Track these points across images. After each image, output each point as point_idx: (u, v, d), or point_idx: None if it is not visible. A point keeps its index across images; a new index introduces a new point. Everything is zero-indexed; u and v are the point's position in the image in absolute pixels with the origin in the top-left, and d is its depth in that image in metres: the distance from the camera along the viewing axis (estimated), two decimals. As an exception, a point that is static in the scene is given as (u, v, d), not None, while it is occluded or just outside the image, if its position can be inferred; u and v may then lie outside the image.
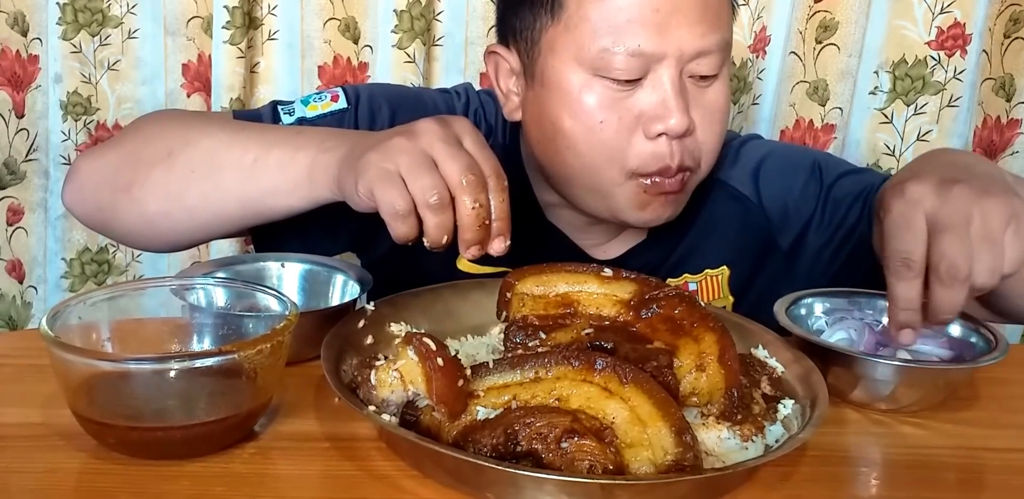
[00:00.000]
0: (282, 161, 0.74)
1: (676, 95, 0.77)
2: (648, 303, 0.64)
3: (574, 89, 0.79)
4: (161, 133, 0.81)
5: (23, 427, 0.60)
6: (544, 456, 0.53)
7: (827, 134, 1.47)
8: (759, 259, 0.93)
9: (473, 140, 0.67)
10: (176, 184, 0.78)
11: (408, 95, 0.94)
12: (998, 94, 1.47)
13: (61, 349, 0.55)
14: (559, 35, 0.80)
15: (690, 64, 0.78)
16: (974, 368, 0.68)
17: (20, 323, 1.50)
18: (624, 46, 0.76)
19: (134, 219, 0.81)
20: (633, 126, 0.79)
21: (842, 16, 1.42)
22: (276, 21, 1.40)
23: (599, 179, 0.81)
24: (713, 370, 0.60)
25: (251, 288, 0.66)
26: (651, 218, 0.83)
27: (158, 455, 0.56)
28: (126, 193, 0.80)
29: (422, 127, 0.66)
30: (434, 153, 0.64)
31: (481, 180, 0.64)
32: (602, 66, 0.77)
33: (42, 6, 1.38)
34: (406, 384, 0.57)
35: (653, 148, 0.79)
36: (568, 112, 0.80)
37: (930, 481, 0.60)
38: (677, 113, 0.77)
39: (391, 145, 0.65)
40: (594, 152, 0.80)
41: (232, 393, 0.57)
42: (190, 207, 0.78)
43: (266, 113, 0.89)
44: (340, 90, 0.91)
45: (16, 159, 1.44)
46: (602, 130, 0.79)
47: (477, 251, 0.65)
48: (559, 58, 0.80)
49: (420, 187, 0.63)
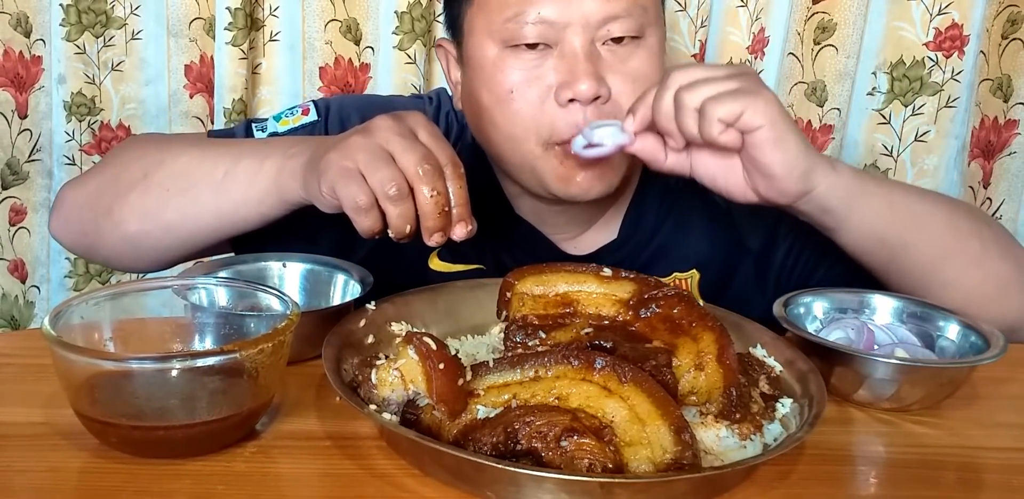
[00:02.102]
0: (251, 171, 0.76)
1: (584, 60, 0.78)
2: (647, 302, 0.64)
3: (488, 63, 0.81)
4: (138, 158, 0.84)
5: (25, 426, 0.60)
6: (544, 455, 0.53)
7: (825, 135, 1.47)
8: (729, 262, 0.93)
9: (427, 132, 0.68)
10: (153, 203, 0.81)
11: (378, 103, 0.96)
12: (996, 95, 1.47)
13: (63, 349, 0.55)
14: (475, 16, 0.83)
15: (600, 30, 0.79)
16: (975, 366, 0.69)
17: (23, 323, 1.51)
18: (529, 16, 0.78)
19: (116, 241, 0.84)
20: (545, 95, 0.80)
21: (840, 17, 1.42)
22: (277, 22, 1.40)
23: (521, 152, 0.83)
24: (712, 369, 0.61)
25: (253, 288, 0.66)
26: (578, 192, 0.83)
27: (160, 454, 0.56)
28: (107, 217, 0.83)
29: (377, 124, 0.68)
30: (390, 147, 0.66)
31: (437, 169, 0.66)
32: (509, 37, 0.80)
33: (45, 7, 1.38)
34: (407, 383, 0.57)
35: (565, 115, 0.79)
36: (485, 87, 0.82)
37: (929, 480, 0.60)
38: (585, 77, 0.78)
39: (348, 143, 0.67)
40: (509, 123, 0.82)
41: (234, 392, 0.57)
42: (168, 224, 0.81)
43: (239, 131, 0.92)
44: (311, 103, 0.94)
45: (19, 159, 1.44)
46: (514, 100, 0.80)
47: (440, 238, 0.67)
48: (476, 37, 0.82)
49: (379, 180, 0.65)
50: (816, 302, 0.77)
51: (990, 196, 1.52)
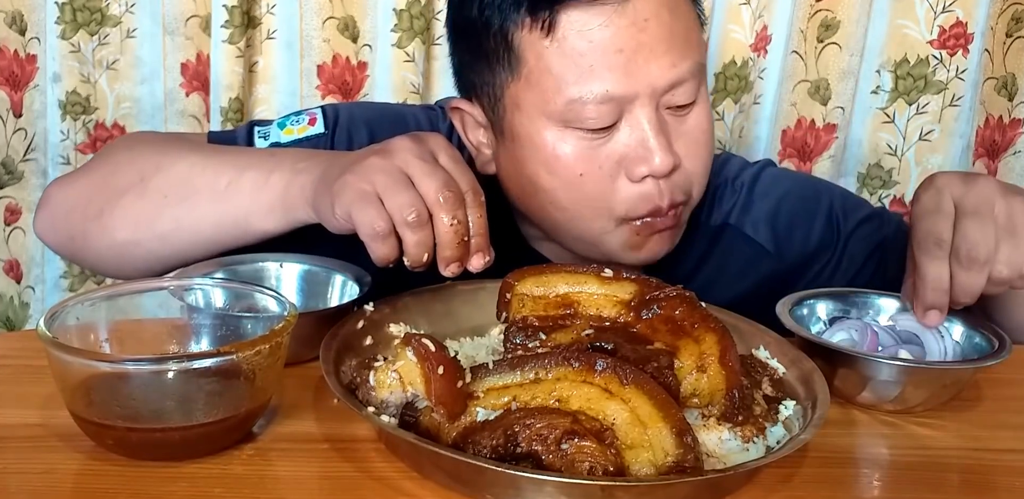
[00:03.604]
0: (256, 183, 0.73)
1: (656, 134, 0.74)
2: (649, 304, 0.63)
3: (547, 145, 0.75)
4: (133, 159, 0.80)
5: (21, 428, 0.59)
6: (544, 457, 0.53)
7: (829, 133, 1.47)
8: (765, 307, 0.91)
9: (448, 156, 0.66)
10: (147, 211, 0.77)
11: (388, 114, 0.92)
12: (1000, 93, 1.47)
13: (59, 350, 0.54)
14: (522, 91, 0.75)
15: (664, 97, 0.75)
16: (979, 367, 0.68)
17: (18, 324, 1.50)
18: (592, 94, 0.72)
19: (103, 248, 0.80)
20: (615, 172, 0.75)
21: (844, 15, 1.41)
22: (275, 20, 1.40)
23: (588, 229, 0.79)
24: (714, 371, 0.60)
25: (250, 289, 0.65)
26: (647, 257, 0.81)
27: (156, 456, 0.56)
28: (96, 221, 0.79)
29: (397, 145, 0.65)
30: (410, 170, 0.63)
31: (458, 196, 0.63)
32: (573, 118, 0.74)
33: (40, 5, 1.38)
34: (405, 385, 0.57)
35: (640, 191, 0.76)
36: (545, 168, 0.76)
37: (933, 482, 0.60)
38: (660, 152, 0.74)
39: (366, 165, 0.64)
40: (579, 205, 0.77)
41: (230, 394, 0.57)
42: (162, 233, 0.77)
43: (241, 135, 0.88)
44: (319, 111, 0.89)
45: (14, 159, 1.44)
46: (584, 183, 0.76)
47: (457, 268, 0.65)
48: (526, 114, 0.76)
49: (398, 205, 0.62)
50: (819, 303, 0.76)
51: (993, 195, 1.51)
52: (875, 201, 1.51)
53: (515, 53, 0.75)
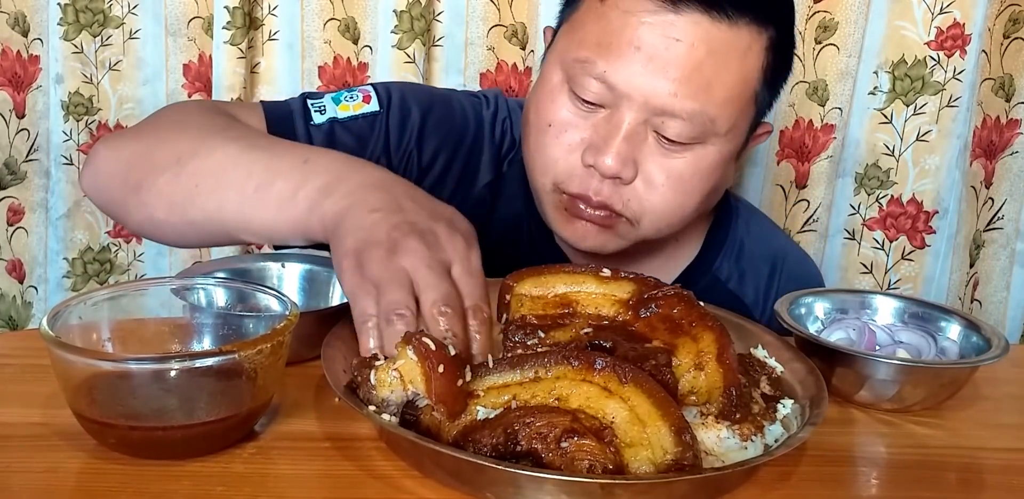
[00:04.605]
0: (281, 197, 0.70)
1: (623, 140, 0.76)
2: (647, 302, 0.64)
3: (546, 87, 0.80)
4: (177, 137, 0.78)
5: (23, 427, 0.60)
6: (544, 456, 0.53)
7: (826, 134, 1.47)
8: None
9: (464, 268, 0.62)
10: (180, 196, 0.75)
11: (438, 98, 0.92)
12: (997, 94, 1.47)
13: (61, 349, 0.55)
14: (564, 32, 0.81)
15: (655, 119, 0.75)
16: (976, 366, 0.68)
17: (20, 323, 1.51)
18: (596, 67, 0.75)
19: (142, 220, 0.79)
20: (575, 146, 0.78)
21: (841, 16, 1.41)
22: (276, 21, 1.40)
23: (536, 181, 0.83)
24: (711, 369, 0.60)
25: (251, 288, 0.66)
26: (575, 238, 0.82)
27: (158, 455, 0.56)
28: (135, 194, 0.77)
29: (409, 246, 0.61)
30: (414, 277, 0.60)
31: (459, 312, 0.60)
32: (574, 76, 0.78)
33: (43, 6, 1.38)
34: (406, 384, 0.57)
35: (582, 171, 0.78)
36: (535, 105, 0.81)
37: (930, 481, 0.60)
38: (612, 155, 0.75)
39: (371, 256, 0.61)
40: (536, 153, 0.81)
41: (232, 393, 0.57)
42: (193, 221, 0.76)
43: (296, 108, 0.86)
44: (372, 89, 0.89)
45: (16, 159, 1.44)
46: (547, 133, 0.79)
47: None
48: (553, 54, 0.81)
49: (388, 302, 0.59)
50: (817, 303, 0.77)
51: (992, 196, 1.51)
52: (873, 201, 1.51)
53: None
